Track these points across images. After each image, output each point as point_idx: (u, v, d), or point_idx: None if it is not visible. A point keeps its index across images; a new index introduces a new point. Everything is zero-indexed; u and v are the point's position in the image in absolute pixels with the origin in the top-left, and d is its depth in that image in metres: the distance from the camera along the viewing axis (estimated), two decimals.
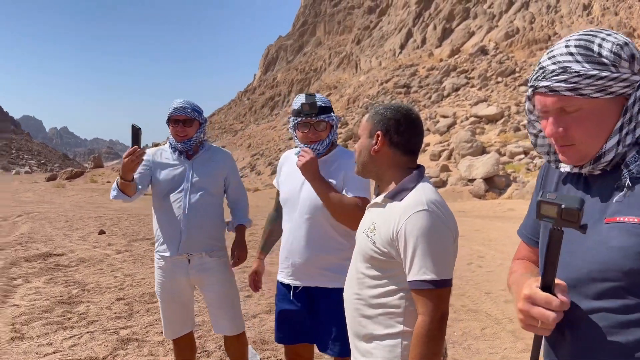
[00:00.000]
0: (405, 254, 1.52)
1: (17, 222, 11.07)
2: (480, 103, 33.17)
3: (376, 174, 1.73)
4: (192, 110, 2.78)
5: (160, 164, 2.84)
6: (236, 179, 3.00)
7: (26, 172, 69.11)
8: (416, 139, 1.69)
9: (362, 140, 1.74)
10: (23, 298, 5.05)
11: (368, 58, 63.75)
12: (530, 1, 48.13)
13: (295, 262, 2.37)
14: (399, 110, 1.69)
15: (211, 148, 2.94)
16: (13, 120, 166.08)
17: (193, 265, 2.78)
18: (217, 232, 2.87)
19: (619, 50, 1.02)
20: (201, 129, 2.87)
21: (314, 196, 2.29)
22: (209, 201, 2.80)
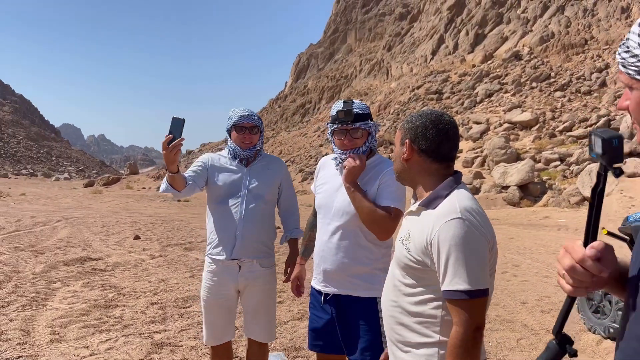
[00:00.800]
0: (438, 263, 1.49)
1: (57, 227, 11.42)
2: (514, 109, 32.54)
3: (411, 182, 1.73)
4: (257, 118, 2.86)
5: (219, 169, 2.88)
6: (289, 187, 3.02)
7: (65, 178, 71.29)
8: (447, 145, 1.64)
9: (396, 148, 1.75)
10: (62, 301, 5.20)
11: (399, 64, 63.45)
12: (566, 5, 47.07)
13: (327, 269, 2.37)
14: (428, 117, 1.67)
15: (266, 156, 2.99)
16: (53, 128, 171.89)
17: (243, 271, 2.82)
18: (269, 239, 2.92)
19: None
20: (261, 136, 2.92)
21: (347, 203, 2.28)
22: (264, 209, 2.85)
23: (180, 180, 2.68)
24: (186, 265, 7.34)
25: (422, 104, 42.03)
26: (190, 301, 5.34)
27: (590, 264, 0.96)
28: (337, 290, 2.34)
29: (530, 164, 20.40)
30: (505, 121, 30.35)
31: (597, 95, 32.24)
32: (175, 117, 2.53)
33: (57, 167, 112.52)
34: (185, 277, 6.48)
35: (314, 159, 38.50)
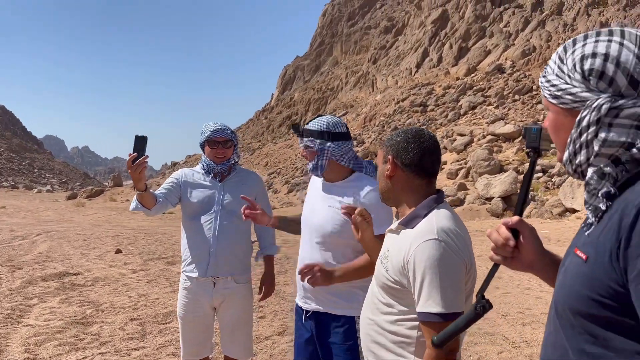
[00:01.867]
0: (414, 283, 1.48)
1: (36, 241, 11.22)
2: (497, 121, 32.92)
3: (394, 200, 1.71)
4: (230, 132, 2.84)
5: (192, 184, 2.86)
6: (265, 203, 2.97)
7: (48, 190, 70.26)
8: (429, 158, 1.64)
9: (379, 167, 1.74)
10: (38, 318, 5.09)
11: (384, 77, 63.97)
12: (547, 20, 47.97)
13: (306, 285, 2.35)
14: (408, 132, 1.68)
15: (242, 171, 2.96)
16: (36, 140, 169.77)
17: (218, 288, 2.79)
18: (244, 255, 2.89)
19: (578, 61, 0.95)
20: (235, 150, 2.90)
21: (326, 220, 2.27)
22: (238, 225, 2.81)
23: (150, 198, 2.65)
24: (167, 279, 7.24)
25: (407, 115, 42.35)
26: (170, 317, 5.26)
27: (503, 230, 1.11)
28: (317, 308, 2.32)
29: (514, 176, 20.61)
30: (488, 133, 30.68)
31: None
32: (138, 135, 2.52)
33: (40, 179, 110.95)
34: (166, 292, 6.39)
35: (300, 170, 38.46)
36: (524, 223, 1.11)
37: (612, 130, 0.91)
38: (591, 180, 0.95)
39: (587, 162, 0.95)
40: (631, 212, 0.84)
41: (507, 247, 1.09)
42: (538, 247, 1.12)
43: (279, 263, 8.43)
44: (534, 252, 1.11)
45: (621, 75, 0.90)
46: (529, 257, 1.11)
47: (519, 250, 1.11)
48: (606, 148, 0.92)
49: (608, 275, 0.86)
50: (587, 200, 0.96)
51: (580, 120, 0.94)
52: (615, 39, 0.93)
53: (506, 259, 1.11)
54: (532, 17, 49.64)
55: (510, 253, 1.10)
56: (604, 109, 0.90)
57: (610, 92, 0.92)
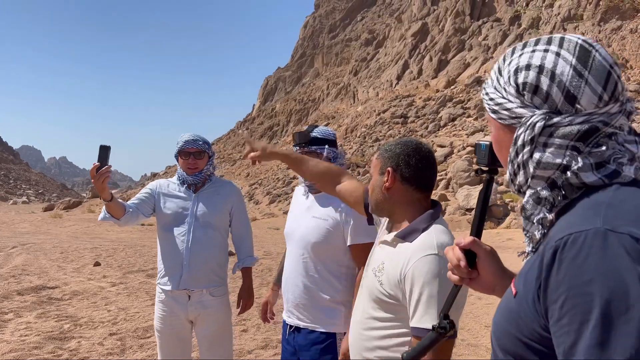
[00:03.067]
0: (410, 298, 1.46)
1: (12, 254, 10.94)
2: (476, 133, 33.39)
3: (389, 212, 1.68)
4: (203, 142, 2.80)
5: (166, 195, 2.84)
6: (241, 213, 2.93)
7: (24, 202, 68.87)
8: (428, 172, 1.63)
9: (374, 178, 1.69)
10: (13, 334, 4.95)
11: (365, 89, 64.47)
12: (524, 33, 48.99)
13: (289, 298, 2.34)
14: (408, 145, 1.65)
15: (217, 181, 2.92)
16: (12, 150, 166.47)
17: (193, 301, 2.74)
18: (220, 268, 2.83)
19: (512, 73, 0.88)
20: (210, 161, 2.87)
21: (309, 231, 2.27)
22: (213, 236, 2.77)
23: (117, 207, 2.63)
24: (148, 292, 7.12)
25: (387, 127, 42.67)
26: (150, 331, 5.16)
27: (456, 250, 1.05)
28: (298, 323, 2.30)
29: (494, 187, 20.87)
30: (468, 144, 31.06)
31: None
32: (102, 145, 2.51)
33: (15, 191, 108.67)
34: (146, 306, 6.28)
35: (282, 181, 38.37)
36: (479, 244, 1.04)
37: (547, 150, 0.83)
38: (527, 204, 0.87)
39: (526, 184, 0.88)
40: (548, 252, 0.76)
41: (461, 268, 1.03)
42: (497, 269, 1.05)
43: (260, 275, 8.36)
44: (492, 275, 1.04)
45: (556, 90, 0.82)
46: (488, 279, 1.05)
47: (478, 272, 1.05)
48: (541, 170, 0.84)
49: (532, 316, 0.78)
50: (524, 226, 0.89)
51: (516, 139, 0.87)
52: (552, 49, 0.84)
53: (463, 280, 1.05)
54: (510, 31, 50.65)
55: (467, 274, 1.04)
56: (537, 127, 0.83)
57: (545, 108, 0.84)
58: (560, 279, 0.73)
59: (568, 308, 0.71)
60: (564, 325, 0.71)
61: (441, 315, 1.14)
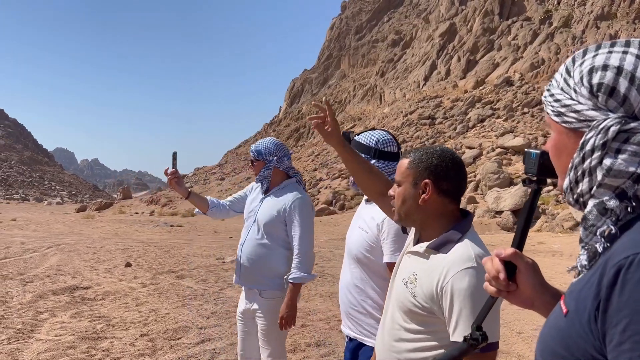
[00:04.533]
0: (450, 312, 1.42)
1: (47, 254, 11.25)
2: (506, 134, 32.83)
3: (420, 223, 1.62)
4: (254, 151, 2.99)
5: (251, 196, 3.11)
6: (295, 224, 2.83)
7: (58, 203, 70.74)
8: (464, 183, 1.60)
9: (405, 188, 1.60)
10: (49, 333, 5.07)
11: (392, 90, 64.11)
12: (555, 33, 47.98)
13: (342, 308, 2.31)
14: (444, 155, 1.58)
15: (285, 188, 2.95)
16: (46, 153, 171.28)
17: (248, 297, 2.95)
18: (270, 271, 2.86)
19: (587, 74, 0.83)
20: (265, 168, 2.96)
21: (352, 242, 2.21)
22: (264, 239, 2.87)
23: (199, 202, 3.07)
24: (177, 294, 7.22)
25: (415, 128, 42.33)
26: (180, 332, 5.23)
27: (496, 262, 1.00)
28: (349, 332, 2.27)
29: (524, 189, 20.46)
30: (498, 146, 30.58)
31: None
32: (174, 152, 2.97)
33: (50, 192, 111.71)
34: (176, 307, 6.36)
35: (308, 182, 38.46)
36: (520, 256, 0.99)
37: (619, 157, 0.77)
38: (590, 215, 0.81)
39: (589, 193, 0.82)
40: (610, 271, 0.71)
41: (499, 280, 0.99)
42: (537, 283, 1.00)
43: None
44: (531, 289, 1.00)
45: (636, 94, 0.77)
46: (527, 293, 1.00)
47: (517, 285, 1.00)
48: (611, 178, 0.78)
49: (585, 337, 0.74)
50: (583, 238, 0.83)
51: (584, 143, 0.81)
52: (632, 51, 0.80)
53: (501, 292, 1.01)
54: (540, 30, 49.67)
55: (505, 287, 0.99)
56: (611, 131, 0.77)
57: (621, 112, 0.79)
58: (623, 301, 0.69)
59: (631, 333, 0.67)
60: (625, 351, 0.68)
61: (474, 327, 1.11)
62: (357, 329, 2.21)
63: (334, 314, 6.02)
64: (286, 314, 2.77)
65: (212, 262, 10.65)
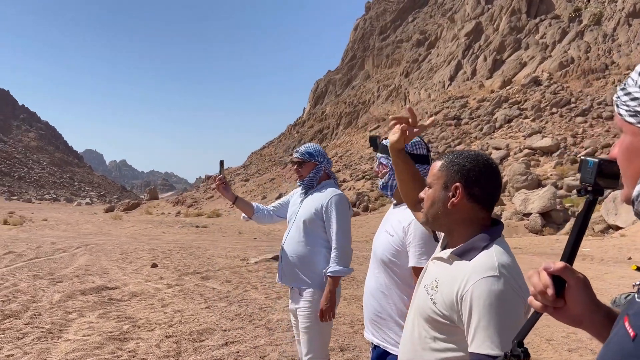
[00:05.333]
0: (469, 322, 1.37)
1: (76, 254, 11.48)
2: (534, 134, 32.24)
3: (448, 228, 1.57)
4: (302, 153, 3.04)
5: (293, 199, 3.19)
6: (332, 220, 2.89)
7: (87, 203, 72.35)
8: (497, 191, 1.53)
9: (435, 190, 1.57)
10: (77, 333, 5.15)
11: (417, 90, 63.64)
12: (585, 30, 46.92)
13: (365, 314, 2.28)
14: (478, 160, 1.53)
15: (322, 187, 3.02)
16: (76, 154, 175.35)
17: (293, 296, 3.02)
18: (309, 271, 2.91)
19: None
20: (315, 170, 3.01)
21: (378, 246, 2.18)
22: (303, 238, 2.93)
23: (244, 207, 3.21)
24: (202, 295, 7.26)
25: (440, 129, 41.91)
26: (205, 334, 5.25)
27: (543, 276, 0.94)
28: (372, 338, 2.23)
29: (552, 191, 20.04)
30: (525, 147, 30.05)
31: None
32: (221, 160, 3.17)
33: (79, 192, 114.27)
34: (201, 309, 6.40)
35: None
36: (571, 271, 0.93)
37: None
38: None
39: None
40: None
41: (547, 296, 0.93)
42: (588, 300, 0.94)
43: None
44: (582, 307, 0.94)
45: None
46: (576, 311, 0.94)
47: (565, 302, 0.94)
48: None
49: None
50: None
51: None
52: None
53: (547, 308, 0.95)
54: (569, 28, 48.66)
55: (552, 302, 0.93)
56: None
57: None
58: None
59: None
60: None
61: (515, 342, 1.05)
62: (381, 336, 2.17)
63: (358, 318, 5.97)
64: (325, 307, 2.80)
65: (236, 263, 10.70)
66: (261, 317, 6.03)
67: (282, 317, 6.00)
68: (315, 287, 2.89)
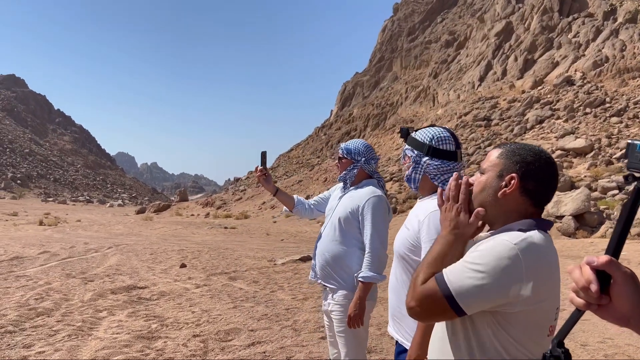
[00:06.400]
0: None
1: (107, 254, 11.71)
2: (567, 135, 31.44)
3: (491, 220, 1.51)
4: (343, 149, 2.99)
5: (332, 195, 3.14)
6: (369, 221, 2.76)
7: (119, 205, 73.92)
8: (552, 192, 1.47)
9: (489, 177, 1.50)
10: (106, 331, 5.23)
11: (446, 91, 62.89)
12: (620, 28, 45.55)
13: (389, 312, 2.24)
14: (540, 155, 1.47)
15: (365, 186, 2.91)
16: (109, 157, 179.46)
17: (326, 296, 2.93)
18: (342, 271, 2.82)
19: None
20: (352, 167, 2.94)
21: (396, 244, 2.15)
22: (337, 236, 2.84)
23: (285, 200, 3.19)
24: (230, 295, 7.30)
25: (469, 130, 41.30)
26: (232, 334, 5.26)
27: (586, 270, 0.88)
28: (393, 333, 2.21)
29: (586, 193, 19.49)
30: (557, 148, 29.33)
31: None
32: (262, 151, 3.17)
33: (112, 194, 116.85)
34: (228, 309, 6.42)
35: None
36: (617, 265, 0.87)
37: None
38: None
39: None
40: None
41: (590, 292, 0.87)
42: (636, 297, 0.88)
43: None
44: (629, 305, 0.87)
45: None
46: (623, 309, 0.88)
47: (610, 298, 0.88)
48: None
49: None
50: None
51: None
52: None
53: (590, 306, 0.89)
54: (604, 27, 47.34)
55: (596, 300, 0.87)
56: None
57: None
58: None
59: None
60: None
61: (555, 342, 0.98)
62: (399, 332, 2.15)
63: (385, 319, 5.89)
64: (353, 313, 2.69)
65: (263, 264, 10.74)
66: (288, 317, 6.02)
67: (309, 318, 5.98)
68: (348, 289, 2.81)
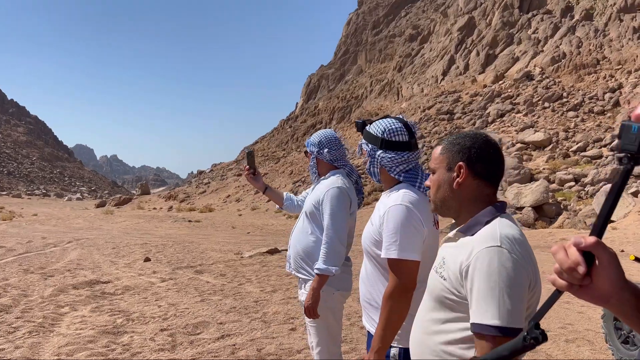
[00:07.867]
0: (471, 292, 1.35)
1: (67, 249, 11.35)
2: (526, 129, 32.36)
3: (456, 210, 1.56)
4: (308, 143, 2.98)
5: None
6: (326, 213, 2.72)
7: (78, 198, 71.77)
8: (500, 166, 1.54)
9: (440, 174, 1.58)
10: (69, 327, 5.07)
11: (410, 85, 63.61)
12: (577, 25, 47.06)
13: (364, 304, 2.24)
14: (478, 137, 1.54)
15: (330, 177, 2.87)
16: (67, 149, 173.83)
17: (299, 285, 2.93)
18: (310, 261, 2.81)
19: None
20: (311, 159, 2.98)
21: (364, 237, 2.15)
22: (306, 227, 2.88)
23: (274, 197, 3.22)
24: (196, 289, 7.19)
25: (433, 124, 41.94)
26: (200, 327, 5.19)
27: (573, 252, 0.85)
28: (365, 325, 2.22)
29: (545, 185, 20.13)
30: (518, 141, 30.16)
31: (610, 115, 31.96)
32: (248, 151, 3.19)
33: (70, 188, 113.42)
34: (195, 302, 6.33)
35: None
36: (602, 246, 0.86)
37: None
38: None
39: None
40: None
41: (575, 274, 0.86)
42: (618, 278, 0.88)
43: None
44: (611, 284, 0.87)
45: None
46: (604, 288, 0.87)
47: (591, 279, 0.87)
48: None
49: None
50: None
51: None
52: None
53: (572, 287, 0.87)
54: (561, 23, 48.80)
55: (579, 280, 0.86)
56: None
57: None
58: None
59: None
60: None
61: (532, 324, 0.98)
62: (369, 322, 2.17)
63: (355, 310, 5.93)
64: (307, 304, 2.67)
65: (230, 257, 10.63)
66: (257, 310, 5.98)
67: (278, 310, 5.95)
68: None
